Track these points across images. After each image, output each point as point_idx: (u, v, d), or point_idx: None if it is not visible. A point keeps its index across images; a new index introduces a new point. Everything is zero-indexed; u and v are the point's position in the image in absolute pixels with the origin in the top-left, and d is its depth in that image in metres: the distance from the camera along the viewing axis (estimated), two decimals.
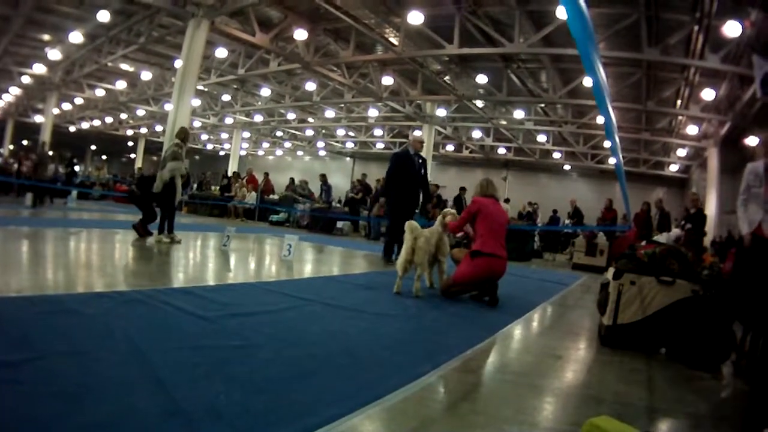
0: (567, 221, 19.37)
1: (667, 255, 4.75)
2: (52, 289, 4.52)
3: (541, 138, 26.36)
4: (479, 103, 21.82)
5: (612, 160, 25.07)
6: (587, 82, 15.42)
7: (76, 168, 25.54)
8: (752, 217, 4.85)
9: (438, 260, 6.35)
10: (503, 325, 4.97)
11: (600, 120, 19.67)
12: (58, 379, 2.41)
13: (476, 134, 28.16)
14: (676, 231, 9.29)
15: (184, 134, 9.72)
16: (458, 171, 32.23)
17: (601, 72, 4.30)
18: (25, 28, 19.08)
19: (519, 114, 21.67)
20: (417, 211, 9.88)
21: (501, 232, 6.11)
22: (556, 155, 28.43)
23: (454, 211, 6.59)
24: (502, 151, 30.16)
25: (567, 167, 30.00)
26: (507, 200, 20.97)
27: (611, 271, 4.92)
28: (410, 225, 6.08)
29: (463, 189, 18.42)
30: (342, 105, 25.18)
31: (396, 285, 6.00)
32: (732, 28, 10.73)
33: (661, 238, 8.64)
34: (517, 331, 5.03)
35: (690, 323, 4.34)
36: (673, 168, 26.72)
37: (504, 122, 24.60)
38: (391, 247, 9.72)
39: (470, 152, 31.36)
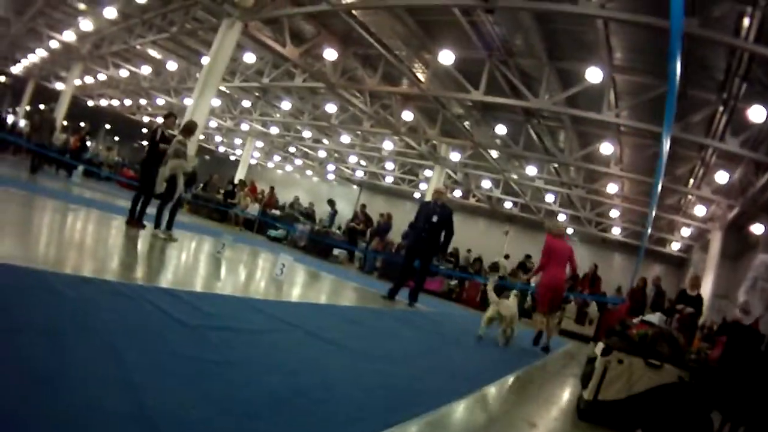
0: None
1: (659, 338, 4.68)
2: (40, 263, 4.47)
3: (549, 198, 26.23)
4: (494, 153, 21.75)
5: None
6: (604, 148, 15.52)
7: (88, 143, 24.99)
8: (753, 311, 4.71)
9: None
10: (485, 383, 4.84)
11: (612, 188, 19.87)
12: (29, 359, 2.34)
13: (486, 184, 28.01)
14: (659, 315, 9.17)
15: (189, 127, 9.70)
16: (462, 218, 31.52)
17: None
18: None
19: (531, 170, 21.64)
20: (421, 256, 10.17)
21: (562, 261, 8.42)
22: (561, 217, 28.21)
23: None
24: (508, 204, 29.87)
25: (570, 231, 29.83)
26: (506, 256, 20.50)
27: (600, 345, 4.83)
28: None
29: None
30: (358, 132, 25.20)
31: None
32: (757, 113, 10.54)
33: (653, 318, 8.51)
34: (496, 391, 4.92)
35: (671, 408, 4.24)
36: (675, 246, 26.25)
37: (515, 176, 24.56)
38: (399, 286, 9.96)
39: (476, 200, 30.99)
